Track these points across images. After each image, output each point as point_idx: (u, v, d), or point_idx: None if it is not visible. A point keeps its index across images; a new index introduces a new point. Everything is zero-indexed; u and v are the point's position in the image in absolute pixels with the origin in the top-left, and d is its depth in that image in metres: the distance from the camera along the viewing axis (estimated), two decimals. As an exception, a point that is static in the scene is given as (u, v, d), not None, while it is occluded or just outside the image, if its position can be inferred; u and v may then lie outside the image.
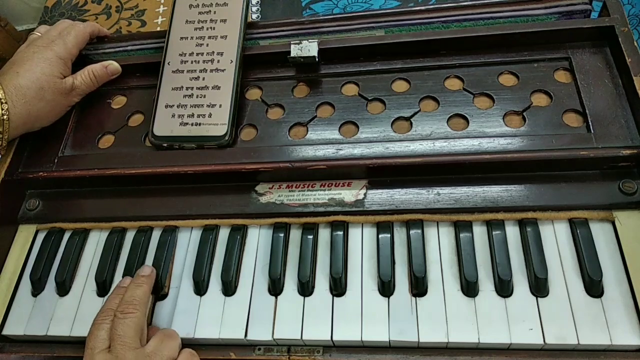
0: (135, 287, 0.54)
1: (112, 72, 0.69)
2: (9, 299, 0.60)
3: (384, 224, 0.56)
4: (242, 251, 0.58)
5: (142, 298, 0.53)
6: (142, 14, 0.86)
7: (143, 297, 0.53)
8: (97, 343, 0.50)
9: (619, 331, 0.48)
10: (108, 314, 0.52)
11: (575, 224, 0.53)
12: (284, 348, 0.53)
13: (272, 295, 0.55)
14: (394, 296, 0.53)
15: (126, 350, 0.49)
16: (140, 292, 0.54)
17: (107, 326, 0.51)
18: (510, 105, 0.58)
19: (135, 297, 0.53)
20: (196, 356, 0.52)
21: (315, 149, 0.59)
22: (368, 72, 0.64)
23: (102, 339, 0.50)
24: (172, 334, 0.53)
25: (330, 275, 0.54)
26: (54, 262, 0.62)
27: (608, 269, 0.50)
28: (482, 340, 0.49)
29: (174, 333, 0.53)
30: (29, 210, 0.65)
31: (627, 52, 0.56)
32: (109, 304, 0.53)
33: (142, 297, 0.53)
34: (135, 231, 0.62)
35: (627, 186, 0.53)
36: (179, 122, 0.63)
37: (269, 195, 0.60)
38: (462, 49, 0.62)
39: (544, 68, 0.60)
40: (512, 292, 0.51)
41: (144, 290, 0.54)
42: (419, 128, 0.59)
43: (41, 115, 0.63)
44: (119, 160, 0.63)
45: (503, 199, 0.55)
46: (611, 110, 0.56)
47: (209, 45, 0.66)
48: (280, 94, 0.65)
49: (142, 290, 0.54)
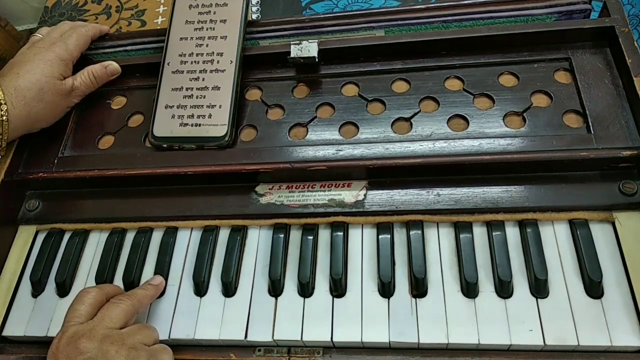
0: (138, 288, 0.55)
1: (112, 73, 0.69)
2: (9, 300, 0.60)
3: (384, 224, 0.56)
4: (242, 252, 0.58)
5: (142, 297, 0.54)
6: (142, 14, 0.86)
7: (142, 297, 0.54)
8: (74, 316, 0.50)
9: (619, 332, 0.48)
10: (94, 290, 0.52)
11: (575, 225, 0.53)
12: (284, 349, 0.53)
13: (272, 296, 0.55)
14: (394, 297, 0.53)
15: (100, 328, 0.49)
16: (141, 292, 0.54)
17: (89, 301, 0.51)
18: (511, 106, 0.58)
19: (135, 293, 0.53)
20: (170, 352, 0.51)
21: (315, 150, 0.59)
22: (368, 72, 0.64)
23: (79, 313, 0.50)
24: (149, 325, 0.53)
25: (331, 276, 0.54)
26: (54, 263, 0.62)
27: (608, 270, 0.50)
28: (482, 341, 0.49)
29: (152, 326, 0.53)
30: (28, 211, 0.65)
31: (627, 53, 0.56)
32: (103, 286, 0.54)
33: (141, 296, 0.54)
34: (135, 232, 0.62)
35: (627, 187, 0.53)
36: (179, 122, 0.63)
37: (269, 196, 0.60)
38: (462, 49, 0.62)
39: (544, 68, 0.60)
40: (512, 293, 0.51)
41: (146, 292, 0.54)
42: (419, 129, 0.59)
43: (41, 116, 0.63)
44: (118, 161, 0.63)
45: (503, 200, 0.55)
46: (611, 111, 0.56)
47: (208, 45, 0.66)
48: (280, 94, 0.65)
49: (144, 292, 0.54)
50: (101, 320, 0.49)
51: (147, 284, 0.56)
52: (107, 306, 0.51)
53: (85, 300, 0.51)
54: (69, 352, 0.47)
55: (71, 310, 0.51)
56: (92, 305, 0.51)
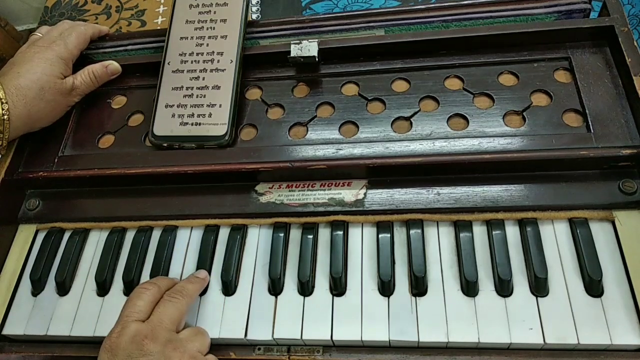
0: (187, 282, 0.55)
1: (112, 72, 0.69)
2: (9, 299, 0.60)
3: (384, 223, 0.56)
4: (242, 251, 0.58)
5: (193, 292, 0.54)
6: (142, 14, 0.86)
7: (193, 292, 0.54)
8: (134, 311, 0.50)
9: (619, 331, 0.48)
10: (152, 287, 0.52)
11: (575, 224, 0.53)
12: (284, 348, 0.53)
13: (272, 295, 0.55)
14: (394, 296, 0.53)
15: (162, 329, 0.49)
16: (191, 287, 0.54)
17: (147, 298, 0.51)
18: (510, 105, 0.58)
19: (186, 289, 0.53)
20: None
21: (315, 149, 0.59)
22: (368, 72, 0.64)
23: (139, 309, 0.50)
24: (203, 331, 0.53)
25: (330, 275, 0.54)
26: (54, 262, 0.62)
27: (608, 269, 0.50)
28: (482, 340, 0.49)
29: (205, 330, 0.53)
30: (29, 210, 0.65)
31: (627, 52, 0.56)
32: (158, 281, 0.54)
33: (192, 291, 0.54)
34: (135, 231, 0.62)
35: (627, 186, 0.53)
36: (179, 121, 0.63)
37: (269, 195, 0.60)
38: (462, 48, 0.62)
39: (544, 68, 0.60)
40: (512, 291, 0.51)
41: (195, 287, 0.55)
42: (419, 128, 0.59)
43: (41, 115, 0.63)
44: (119, 160, 0.63)
45: (503, 199, 0.55)
46: (611, 110, 0.56)
47: (209, 45, 0.66)
48: (280, 93, 0.65)
49: (194, 286, 0.54)
50: (160, 322, 0.49)
51: (194, 277, 0.56)
52: (163, 303, 0.51)
53: (144, 297, 0.51)
54: (131, 351, 0.47)
55: (130, 305, 0.50)
56: (150, 303, 0.51)
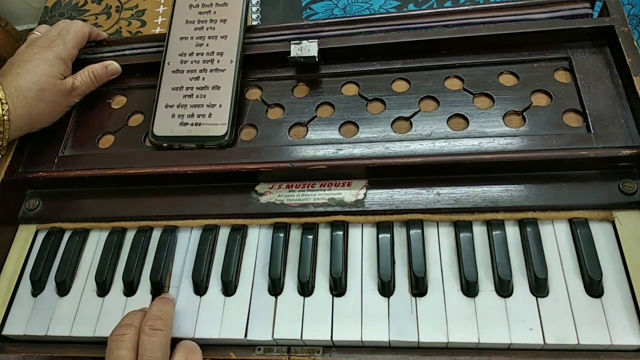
0: (162, 303, 0.53)
1: (112, 72, 0.69)
2: (9, 299, 0.60)
3: (384, 224, 0.56)
4: (242, 251, 0.58)
5: (170, 314, 0.52)
6: (142, 14, 0.86)
7: (171, 313, 0.52)
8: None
9: (619, 331, 0.48)
10: (128, 330, 0.50)
11: (575, 224, 0.53)
12: (284, 348, 0.53)
13: (272, 295, 0.55)
14: (394, 296, 0.53)
15: None
16: (168, 308, 0.52)
17: (128, 345, 0.48)
18: (510, 105, 0.58)
19: (164, 312, 0.51)
20: None
21: (315, 149, 0.59)
22: (368, 72, 0.64)
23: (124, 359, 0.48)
24: (194, 349, 0.52)
25: (330, 275, 0.54)
26: (54, 262, 0.61)
27: (608, 269, 0.50)
28: (482, 340, 0.49)
29: (195, 347, 0.52)
30: (29, 210, 0.65)
31: (627, 52, 0.56)
32: (130, 319, 0.51)
33: (170, 313, 0.52)
34: (135, 231, 0.62)
35: (627, 186, 0.53)
36: (179, 122, 0.63)
37: (268, 195, 0.60)
38: (462, 49, 0.62)
39: (544, 68, 0.60)
40: (512, 292, 0.51)
41: (171, 306, 0.53)
42: (419, 128, 0.59)
43: (42, 116, 0.63)
44: (119, 160, 0.63)
45: (503, 199, 0.55)
46: (611, 110, 0.56)
47: (209, 45, 0.66)
48: (280, 94, 0.65)
49: (169, 306, 0.53)
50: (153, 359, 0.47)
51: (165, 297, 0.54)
52: (148, 338, 0.49)
53: (124, 345, 0.48)
54: None
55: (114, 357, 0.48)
56: (132, 349, 0.49)
